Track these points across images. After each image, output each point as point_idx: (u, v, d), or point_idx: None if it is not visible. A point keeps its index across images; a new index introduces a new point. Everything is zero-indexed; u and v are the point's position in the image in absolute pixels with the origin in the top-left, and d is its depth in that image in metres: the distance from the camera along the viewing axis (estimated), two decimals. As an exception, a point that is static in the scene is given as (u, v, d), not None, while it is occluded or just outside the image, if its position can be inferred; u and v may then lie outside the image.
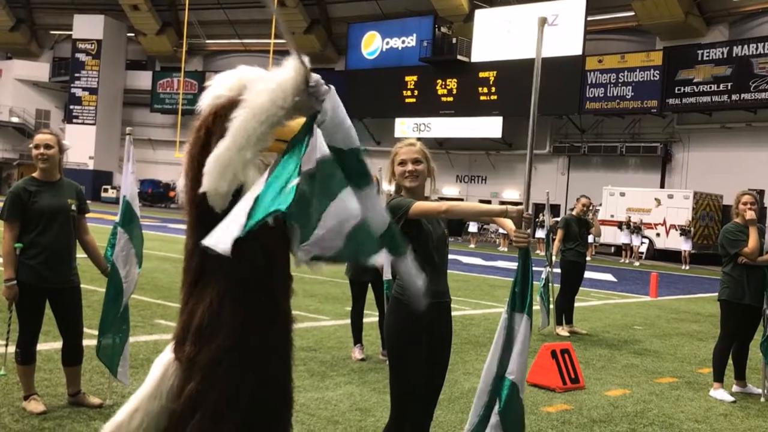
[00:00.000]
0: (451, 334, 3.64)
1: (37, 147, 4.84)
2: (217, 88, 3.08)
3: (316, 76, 2.50)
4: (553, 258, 9.89)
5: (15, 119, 56.00)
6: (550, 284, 9.60)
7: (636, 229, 28.20)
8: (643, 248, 29.54)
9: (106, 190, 51.91)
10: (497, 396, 3.04)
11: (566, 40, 35.82)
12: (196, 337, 2.94)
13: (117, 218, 5.11)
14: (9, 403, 5.00)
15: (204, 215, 2.76)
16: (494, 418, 3.03)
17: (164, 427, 3.04)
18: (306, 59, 2.52)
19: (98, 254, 5.17)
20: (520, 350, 3.07)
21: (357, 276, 7.22)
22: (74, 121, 53.91)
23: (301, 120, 2.67)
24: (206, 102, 3.04)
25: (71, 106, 54.47)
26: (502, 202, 38.25)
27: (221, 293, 2.91)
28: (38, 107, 57.53)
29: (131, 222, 5.09)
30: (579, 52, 35.80)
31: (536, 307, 9.64)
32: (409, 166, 3.53)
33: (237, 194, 2.68)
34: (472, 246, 30.48)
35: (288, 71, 2.57)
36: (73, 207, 4.96)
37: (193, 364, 2.93)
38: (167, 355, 3.09)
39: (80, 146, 52.28)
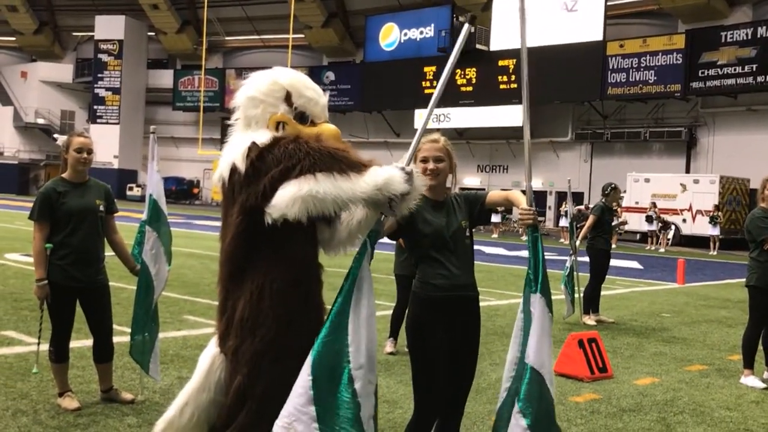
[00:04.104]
0: (479, 327, 3.63)
1: (80, 151, 4.91)
2: (251, 89, 3.18)
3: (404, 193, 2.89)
4: (577, 246, 9.83)
5: (41, 120, 56.69)
6: (575, 273, 9.56)
7: (650, 218, 27.94)
8: (669, 234, 29.28)
9: (131, 189, 52.40)
10: (520, 383, 3.02)
11: (586, 25, 35.55)
12: (238, 330, 3.03)
13: (144, 216, 5.17)
14: (45, 400, 5.09)
15: (257, 223, 2.94)
16: (516, 406, 3.01)
17: (214, 419, 3.10)
18: (419, 179, 2.99)
19: (127, 254, 5.23)
20: (538, 333, 3.01)
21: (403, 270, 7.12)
22: (98, 121, 54.43)
23: (323, 127, 2.97)
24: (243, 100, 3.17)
25: (95, 107, 55.01)
26: (524, 192, 37.95)
27: (260, 287, 3.00)
28: (63, 108, 58.24)
29: (158, 220, 5.14)
30: (600, 37, 35.50)
31: (561, 296, 9.64)
32: (431, 165, 3.53)
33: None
34: (495, 236, 30.40)
35: (401, 177, 2.88)
36: (101, 207, 5.02)
37: (237, 357, 3.01)
38: (212, 349, 3.17)
39: (105, 145, 52.80)
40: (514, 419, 2.98)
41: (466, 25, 3.28)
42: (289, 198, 2.84)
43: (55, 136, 53.29)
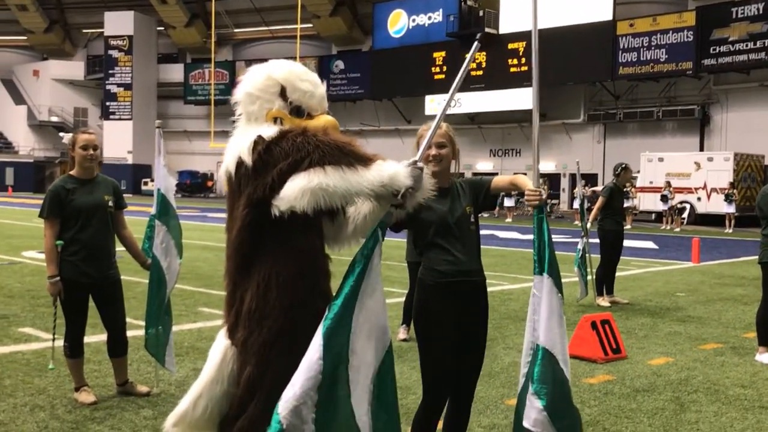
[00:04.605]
0: (487, 312, 3.64)
1: (85, 148, 4.95)
2: (248, 85, 3.19)
3: (411, 187, 2.87)
4: (589, 227, 9.80)
5: (54, 118, 57.06)
6: (587, 255, 9.53)
7: (665, 197, 27.79)
8: (684, 214, 29.12)
9: (146, 183, 52.68)
10: (534, 366, 3.03)
11: (596, 5, 35.32)
12: (246, 321, 3.06)
13: (153, 211, 5.21)
14: (62, 395, 5.17)
15: (264, 215, 2.94)
16: (531, 388, 3.02)
17: (226, 411, 3.14)
18: (427, 177, 2.95)
19: (137, 248, 5.28)
20: (547, 314, 3.02)
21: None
22: (111, 117, 54.73)
23: (320, 119, 2.97)
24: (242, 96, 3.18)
25: (107, 103, 55.28)
26: (540, 175, 37.78)
27: (267, 278, 3.02)
28: (76, 105, 58.62)
29: (167, 213, 5.18)
30: (609, 17, 35.26)
31: (574, 279, 9.62)
32: (433, 150, 3.54)
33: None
34: (509, 220, 30.33)
35: (405, 173, 2.86)
36: (110, 203, 5.07)
37: (246, 347, 3.04)
38: (223, 341, 3.20)
39: (118, 141, 53.19)
40: (529, 401, 2.99)
41: (476, 44, 3.33)
42: (298, 190, 2.85)
43: (61, 134, 53.64)
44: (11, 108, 57.82)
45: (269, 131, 3.02)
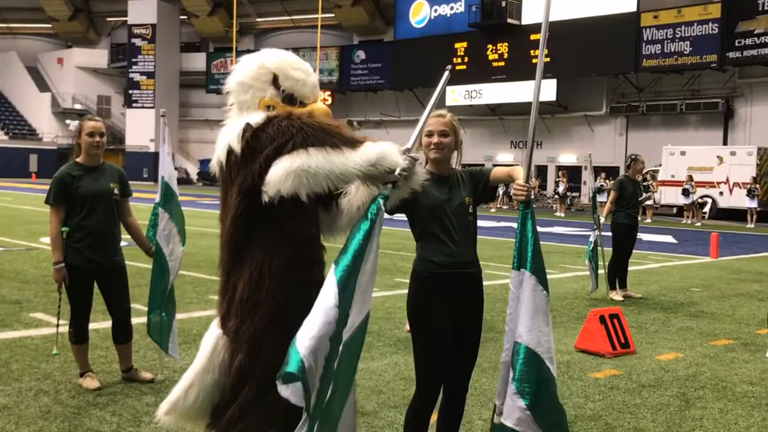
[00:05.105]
0: (482, 304, 3.61)
1: (92, 135, 4.98)
2: (240, 74, 3.20)
3: (404, 169, 2.87)
4: (602, 221, 9.71)
5: (78, 106, 57.53)
6: (599, 248, 9.45)
7: (686, 191, 27.49)
8: (706, 208, 28.80)
9: (167, 172, 52.99)
10: (516, 365, 2.99)
11: (620, -3, 34.92)
12: (238, 310, 3.06)
13: (157, 198, 5.24)
14: (67, 380, 5.22)
15: (255, 203, 2.94)
16: (511, 387, 2.98)
17: (218, 400, 3.15)
18: (419, 156, 2.98)
19: (142, 236, 5.31)
20: (531, 312, 2.98)
21: None
22: (134, 105, 55.04)
23: (312, 107, 2.96)
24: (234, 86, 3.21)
25: (130, 91, 55.60)
26: (559, 167, 37.65)
27: (260, 267, 3.02)
28: (99, 93, 59.03)
29: (170, 201, 5.21)
30: (633, 8, 34.85)
31: (585, 272, 9.55)
32: (435, 138, 3.51)
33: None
34: (529, 212, 30.14)
35: (396, 151, 2.87)
36: (116, 191, 5.10)
37: (238, 337, 3.04)
38: (215, 331, 3.21)
39: (141, 130, 53.51)
40: (512, 400, 2.96)
41: (446, 73, 3.44)
42: (281, 173, 2.84)
43: (68, 122, 54.03)
44: (36, 95, 58.35)
45: (257, 118, 3.02)
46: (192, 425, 3.27)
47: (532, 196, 3.18)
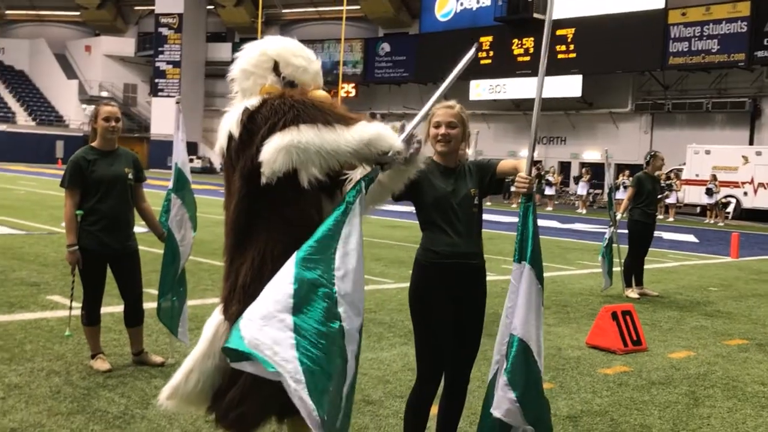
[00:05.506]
0: (484, 296, 3.61)
1: (108, 120, 5.04)
2: (243, 62, 3.22)
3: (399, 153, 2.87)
4: (618, 217, 9.65)
5: (104, 94, 57.97)
6: (613, 244, 9.40)
7: (710, 190, 27.19)
8: (729, 208, 28.48)
9: (191, 160, 53.36)
10: (509, 356, 2.99)
11: (648, -7, 34.54)
12: (240, 295, 3.08)
13: (170, 185, 5.29)
14: (78, 362, 5.30)
15: (253, 187, 2.95)
16: (502, 379, 2.99)
17: (218, 385, 3.19)
18: (421, 156, 3.01)
19: (155, 221, 5.37)
20: (525, 305, 2.98)
21: None
22: (159, 94, 55.36)
23: (315, 93, 2.95)
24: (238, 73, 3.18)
25: (156, 80, 55.92)
26: (583, 164, 37.39)
27: (262, 252, 3.04)
28: (126, 81, 59.47)
29: (183, 188, 5.26)
30: (661, 5, 34.45)
31: (599, 269, 9.49)
32: (442, 129, 3.50)
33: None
34: (550, 209, 30.04)
35: (392, 134, 2.88)
36: (130, 175, 5.15)
37: None
38: (217, 317, 3.24)
39: (166, 118, 53.72)
40: (502, 391, 2.97)
41: (473, 49, 3.40)
42: (273, 150, 2.85)
43: (84, 106, 54.41)
44: (63, 82, 58.90)
45: (253, 101, 3.04)
46: (193, 409, 3.31)
47: (534, 189, 3.18)
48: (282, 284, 2.57)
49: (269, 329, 2.46)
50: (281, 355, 2.42)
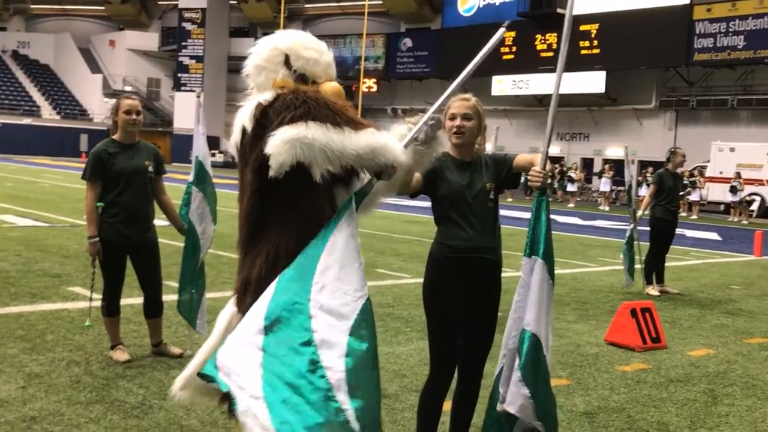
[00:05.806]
0: (498, 291, 3.59)
1: (129, 113, 5.11)
2: (255, 57, 3.23)
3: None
4: (639, 214, 9.57)
5: (128, 88, 58.43)
6: (635, 241, 9.33)
7: (734, 188, 26.89)
8: (755, 206, 28.17)
9: (213, 155, 53.63)
10: (522, 352, 2.98)
11: (673, -12, 34.21)
12: (254, 288, 3.09)
13: (190, 178, 5.33)
14: (98, 352, 5.36)
15: (265, 181, 2.95)
16: (516, 374, 2.98)
17: None
18: (430, 155, 2.98)
19: (175, 214, 5.41)
20: (537, 300, 2.97)
21: None
22: (182, 88, 55.72)
23: (325, 86, 2.95)
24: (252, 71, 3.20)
25: (179, 74, 56.30)
26: (606, 161, 37.14)
27: (276, 244, 3.05)
28: (149, 76, 59.91)
29: (204, 181, 5.30)
30: (686, 0, 34.11)
31: (620, 266, 9.43)
32: (458, 121, 3.49)
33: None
34: (571, 205, 29.87)
35: (399, 147, 2.86)
36: (150, 168, 5.20)
37: None
38: (230, 309, 3.26)
39: (189, 113, 53.80)
40: (516, 387, 2.96)
41: (502, 29, 3.26)
42: (279, 143, 2.85)
43: (105, 99, 54.81)
44: (87, 76, 59.47)
45: (266, 96, 3.05)
46: (207, 400, 3.33)
47: (548, 182, 3.16)
48: (259, 306, 2.64)
49: (242, 353, 2.55)
50: (243, 378, 2.50)
